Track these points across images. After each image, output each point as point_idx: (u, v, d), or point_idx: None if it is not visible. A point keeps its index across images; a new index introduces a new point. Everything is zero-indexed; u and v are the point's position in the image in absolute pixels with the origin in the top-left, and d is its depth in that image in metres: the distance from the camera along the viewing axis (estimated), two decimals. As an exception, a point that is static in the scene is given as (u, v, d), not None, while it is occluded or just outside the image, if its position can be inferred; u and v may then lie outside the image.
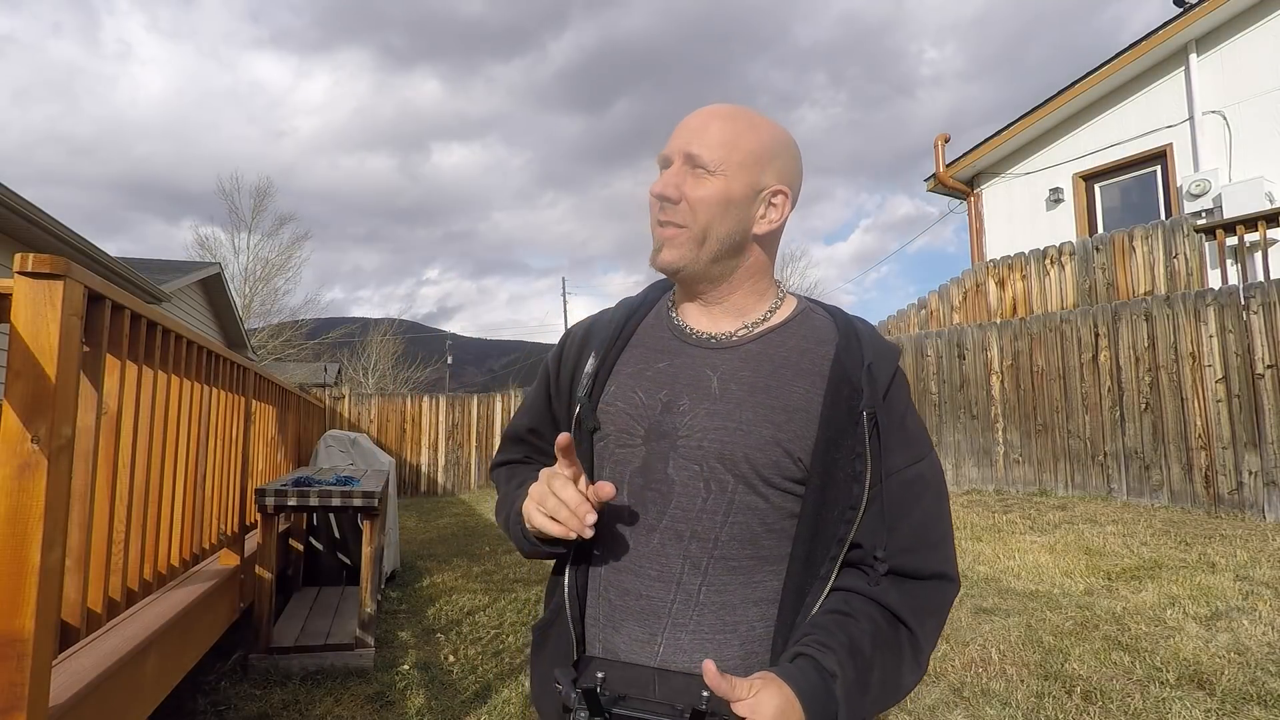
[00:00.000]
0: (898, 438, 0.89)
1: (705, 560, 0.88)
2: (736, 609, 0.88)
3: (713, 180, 0.90)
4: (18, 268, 1.40)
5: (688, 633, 0.87)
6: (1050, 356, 6.98)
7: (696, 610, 0.87)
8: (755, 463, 0.87)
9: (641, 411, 0.93)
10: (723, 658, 0.86)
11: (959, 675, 3.15)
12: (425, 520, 8.98)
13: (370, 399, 12.33)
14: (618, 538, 0.92)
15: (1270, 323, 5.43)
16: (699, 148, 0.90)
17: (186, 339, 2.44)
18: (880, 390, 0.88)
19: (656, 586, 0.89)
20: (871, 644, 0.82)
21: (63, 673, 1.67)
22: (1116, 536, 5.12)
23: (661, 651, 0.87)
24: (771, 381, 0.91)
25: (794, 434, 0.87)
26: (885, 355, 0.93)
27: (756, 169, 0.92)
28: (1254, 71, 8.26)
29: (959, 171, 10.90)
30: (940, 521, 0.90)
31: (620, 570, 0.91)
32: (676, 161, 0.92)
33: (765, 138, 0.93)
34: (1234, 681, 2.87)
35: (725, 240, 0.91)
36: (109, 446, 1.87)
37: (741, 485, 0.87)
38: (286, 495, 3.64)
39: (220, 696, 3.25)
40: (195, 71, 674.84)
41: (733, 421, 0.89)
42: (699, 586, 0.88)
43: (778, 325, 0.96)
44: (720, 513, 0.88)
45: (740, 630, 0.87)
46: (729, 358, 0.94)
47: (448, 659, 3.78)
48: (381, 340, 32.09)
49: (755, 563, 0.88)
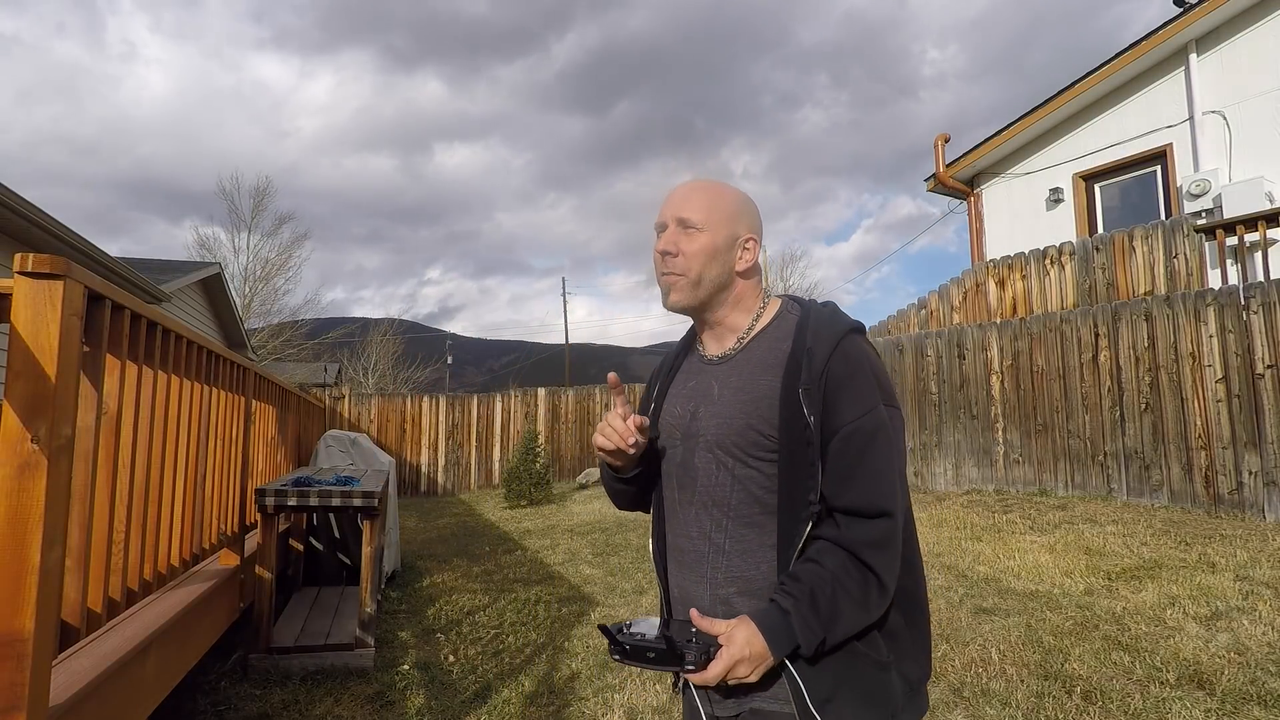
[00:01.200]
0: (845, 400, 1.09)
1: (725, 520, 1.17)
2: (755, 553, 1.15)
3: (700, 235, 1.19)
4: (18, 268, 1.40)
5: (722, 572, 1.16)
6: (1050, 356, 6.98)
7: (725, 557, 1.17)
8: (739, 443, 1.15)
9: (679, 421, 1.26)
10: (752, 589, 1.13)
11: (959, 675, 3.15)
12: (425, 520, 8.98)
13: (370, 399, 12.33)
14: (674, 512, 1.26)
15: (1270, 323, 5.42)
16: (688, 212, 1.20)
17: (186, 339, 2.44)
18: (817, 368, 1.10)
19: (697, 542, 1.20)
20: (832, 583, 1.05)
21: (63, 673, 1.67)
22: (1116, 536, 5.12)
23: (710, 585, 1.17)
24: (747, 381, 1.19)
25: (761, 416, 1.14)
26: (825, 337, 1.14)
27: (731, 223, 1.22)
28: (1254, 71, 8.25)
29: (959, 171, 10.89)
30: (879, 466, 1.08)
31: (676, 534, 1.25)
32: (670, 225, 1.22)
33: (735, 199, 1.24)
34: (1234, 681, 2.87)
35: (715, 280, 1.21)
36: (109, 446, 1.87)
37: (737, 462, 1.16)
38: (286, 495, 3.64)
39: (220, 696, 3.25)
40: (198, 72, 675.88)
41: (721, 417, 1.19)
42: (724, 540, 1.17)
43: (758, 334, 1.24)
44: (728, 484, 1.17)
45: (763, 568, 1.13)
46: (725, 369, 1.24)
47: (448, 659, 3.78)
48: (381, 340, 32.08)
49: (765, 517, 1.14)
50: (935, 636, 3.59)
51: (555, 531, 7.63)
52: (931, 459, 7.84)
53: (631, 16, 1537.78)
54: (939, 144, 10.87)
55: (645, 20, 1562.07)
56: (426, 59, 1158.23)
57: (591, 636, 4.04)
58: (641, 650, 1.05)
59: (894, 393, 1.17)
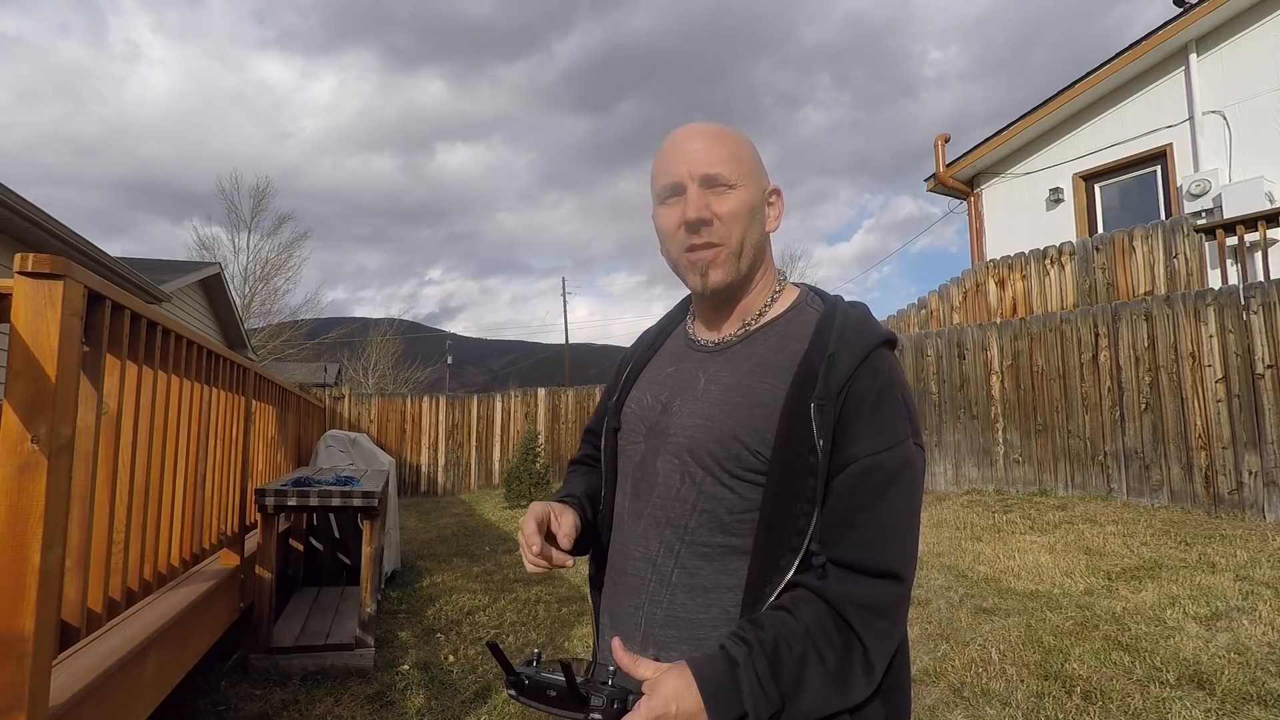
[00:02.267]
0: (864, 428, 0.87)
1: (678, 545, 0.94)
2: (709, 592, 0.92)
3: (736, 194, 0.95)
4: (18, 268, 1.40)
5: (662, 609, 0.94)
6: (1050, 356, 6.98)
7: (669, 590, 0.94)
8: (716, 455, 0.92)
9: (646, 412, 1.03)
10: (697, 638, 0.91)
11: (959, 675, 3.15)
12: (425, 520, 8.97)
13: (370, 399, 12.33)
14: (620, 522, 1.03)
15: (1270, 323, 5.42)
16: (716, 167, 0.95)
17: (186, 339, 2.44)
18: (838, 380, 0.87)
19: (639, 566, 0.97)
20: (804, 641, 0.81)
21: (63, 673, 1.67)
22: (1116, 536, 5.12)
23: (644, 623, 0.95)
24: (744, 380, 0.96)
25: (752, 428, 0.90)
26: (854, 345, 0.91)
27: (759, 174, 1.00)
28: (1254, 71, 8.25)
29: (959, 171, 10.89)
30: (896, 515, 0.86)
31: (618, 551, 1.02)
32: (692, 186, 0.95)
33: (749, 145, 1.01)
34: (1234, 681, 2.87)
35: (755, 246, 0.98)
36: (109, 446, 1.87)
37: (709, 476, 0.93)
38: (286, 495, 3.64)
39: (220, 696, 3.25)
40: (201, 72, 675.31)
41: (702, 418, 0.95)
42: (672, 569, 0.94)
43: (766, 324, 1.01)
44: (690, 501, 0.94)
45: (713, 611, 0.91)
46: (718, 360, 1.01)
47: (448, 659, 3.78)
48: (381, 340, 32.10)
49: (726, 551, 0.92)
50: (935, 636, 3.59)
51: (555, 531, 7.62)
52: (931, 459, 7.84)
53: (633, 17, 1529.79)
54: (939, 144, 10.87)
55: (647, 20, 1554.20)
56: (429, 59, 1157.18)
57: (591, 636, 4.03)
58: (540, 687, 0.85)
59: (920, 427, 0.94)
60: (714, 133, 0.99)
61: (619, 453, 1.06)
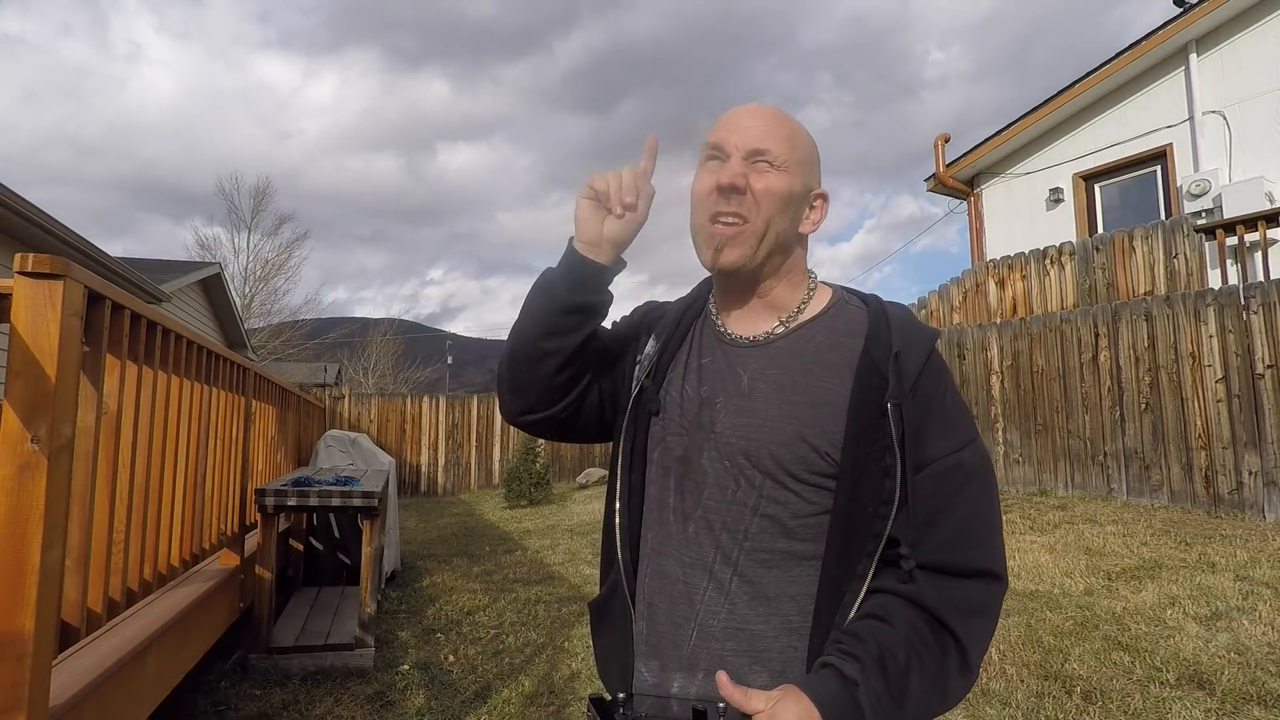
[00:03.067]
0: (935, 427, 0.86)
1: (736, 552, 0.89)
2: (770, 601, 0.87)
3: (777, 175, 0.91)
4: (18, 268, 1.40)
5: (720, 619, 0.88)
6: (1050, 356, 6.98)
7: (728, 600, 0.88)
8: (781, 459, 0.87)
9: (687, 404, 0.96)
10: (757, 649, 0.86)
11: (959, 675, 3.15)
12: (425, 520, 8.97)
13: (370, 399, 12.33)
14: (663, 521, 0.96)
15: (1270, 323, 5.42)
16: (767, 143, 0.91)
17: (186, 339, 2.44)
18: (908, 380, 0.86)
19: (691, 573, 0.91)
20: (906, 649, 0.79)
21: (63, 673, 1.67)
22: (1116, 536, 5.12)
23: (695, 634, 0.89)
24: (800, 378, 0.91)
25: (820, 429, 0.87)
26: (916, 343, 0.89)
27: (810, 170, 0.96)
28: (1254, 71, 8.25)
29: (959, 171, 10.89)
30: (984, 513, 0.86)
31: (662, 554, 0.95)
32: (735, 155, 0.92)
33: (810, 141, 0.98)
34: (1234, 681, 2.87)
35: (780, 236, 0.93)
36: (109, 446, 1.87)
37: (769, 481, 0.88)
38: (286, 495, 3.64)
39: (220, 696, 3.25)
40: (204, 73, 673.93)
41: (758, 419, 0.90)
42: (730, 577, 0.89)
43: (809, 320, 0.96)
44: (749, 506, 0.89)
45: (774, 622, 0.87)
46: (759, 355, 0.95)
47: (448, 659, 3.78)
48: (381, 340, 32.10)
49: (789, 558, 0.88)
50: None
51: (555, 531, 7.63)
52: (931, 459, 7.84)
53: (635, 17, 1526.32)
54: (939, 144, 10.87)
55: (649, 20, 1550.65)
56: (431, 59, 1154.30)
57: (591, 638, 4.03)
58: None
59: None
60: (776, 117, 0.95)
61: (651, 438, 0.98)
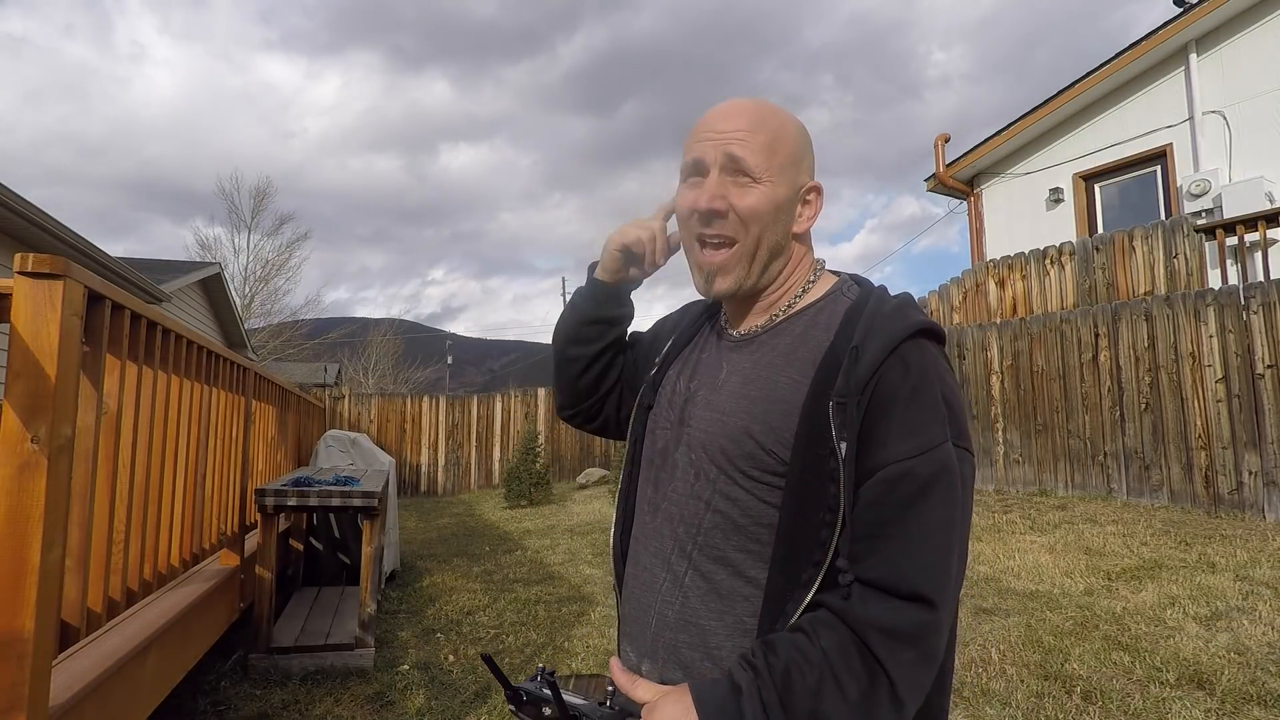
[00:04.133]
0: (891, 430, 0.77)
1: (690, 545, 0.88)
2: (723, 599, 0.85)
3: (759, 188, 0.87)
4: (18, 268, 1.40)
5: (674, 610, 0.88)
6: (1050, 356, 6.98)
7: (681, 592, 0.88)
8: (729, 453, 0.86)
9: (677, 399, 0.97)
10: (708, 645, 0.86)
11: (959, 675, 3.15)
12: (425, 520, 8.97)
13: (370, 399, 12.33)
14: (640, 511, 0.98)
15: (1270, 323, 5.42)
16: (741, 152, 0.86)
17: (186, 339, 2.44)
18: (862, 375, 0.78)
19: (653, 562, 0.92)
20: (821, 670, 0.73)
21: (63, 673, 1.67)
22: (1116, 536, 5.12)
23: (655, 623, 0.90)
24: (763, 372, 0.88)
25: (769, 425, 0.83)
26: (881, 334, 0.81)
27: (796, 168, 0.90)
28: (1254, 71, 8.25)
29: (959, 171, 10.89)
30: (929, 530, 0.75)
31: (636, 541, 0.97)
32: (713, 171, 0.88)
33: (795, 135, 0.91)
34: (1234, 681, 2.87)
35: (773, 248, 0.90)
36: (109, 446, 1.87)
37: (722, 476, 0.86)
38: (286, 495, 3.64)
39: (220, 696, 3.25)
40: (206, 73, 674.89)
41: (718, 411, 0.89)
42: (685, 570, 0.88)
43: (795, 314, 0.93)
44: (704, 500, 0.88)
45: (727, 620, 0.85)
46: (743, 350, 0.94)
47: (448, 659, 3.78)
48: (381, 340, 32.11)
49: (743, 556, 0.85)
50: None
51: (555, 531, 7.63)
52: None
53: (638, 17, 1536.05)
54: (939, 144, 10.87)
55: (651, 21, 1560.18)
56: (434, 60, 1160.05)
57: (591, 637, 4.04)
58: (537, 704, 0.84)
59: (968, 429, 0.83)
60: (755, 114, 0.89)
61: (648, 432, 0.99)
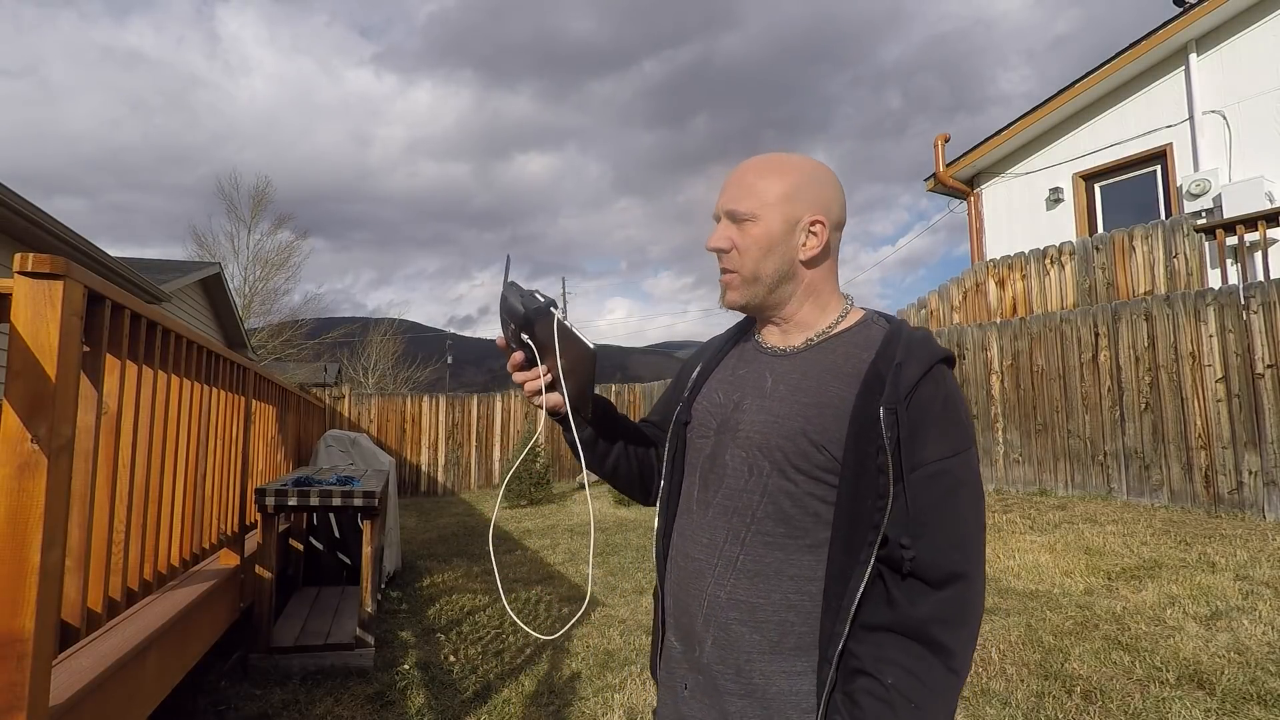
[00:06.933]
0: (929, 433, 0.94)
1: (744, 533, 1.02)
2: (770, 579, 1.00)
3: (753, 226, 1.06)
4: (18, 268, 1.40)
5: (725, 591, 1.02)
6: (1050, 356, 6.98)
7: (733, 574, 1.02)
8: (785, 450, 1.00)
9: (717, 410, 1.12)
10: (756, 620, 0.99)
11: (959, 675, 3.15)
12: (425, 520, 8.97)
13: (370, 399, 12.32)
14: (687, 511, 1.11)
15: (1270, 323, 5.42)
16: (736, 203, 1.07)
17: (186, 339, 2.44)
18: (905, 387, 0.95)
19: (705, 551, 1.05)
20: (904, 692, 0.88)
21: (63, 673, 1.67)
22: (1116, 536, 5.12)
23: (707, 604, 1.03)
24: (812, 383, 1.04)
25: (822, 427, 0.98)
26: (918, 355, 0.98)
27: (788, 205, 1.06)
28: (1254, 71, 8.25)
29: (959, 171, 10.90)
30: (965, 518, 0.94)
31: (684, 537, 1.10)
32: (722, 219, 1.09)
33: (793, 177, 1.07)
34: (1234, 681, 2.87)
35: (775, 274, 1.07)
36: (109, 446, 1.87)
37: (775, 471, 1.01)
38: (286, 495, 3.64)
39: (220, 696, 3.25)
40: (305, 84, 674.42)
41: (771, 415, 1.04)
42: (737, 555, 1.02)
43: (834, 336, 1.08)
44: (758, 493, 1.02)
45: (774, 597, 0.99)
46: (787, 364, 1.09)
47: (448, 659, 3.78)
48: (381, 340, 32.07)
49: (791, 541, 0.99)
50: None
51: (555, 531, 7.63)
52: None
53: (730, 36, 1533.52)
54: (939, 144, 10.87)
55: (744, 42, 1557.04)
56: (527, 76, 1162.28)
57: (591, 636, 4.04)
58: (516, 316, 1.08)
59: None
60: (753, 168, 1.08)
61: (688, 445, 1.14)
